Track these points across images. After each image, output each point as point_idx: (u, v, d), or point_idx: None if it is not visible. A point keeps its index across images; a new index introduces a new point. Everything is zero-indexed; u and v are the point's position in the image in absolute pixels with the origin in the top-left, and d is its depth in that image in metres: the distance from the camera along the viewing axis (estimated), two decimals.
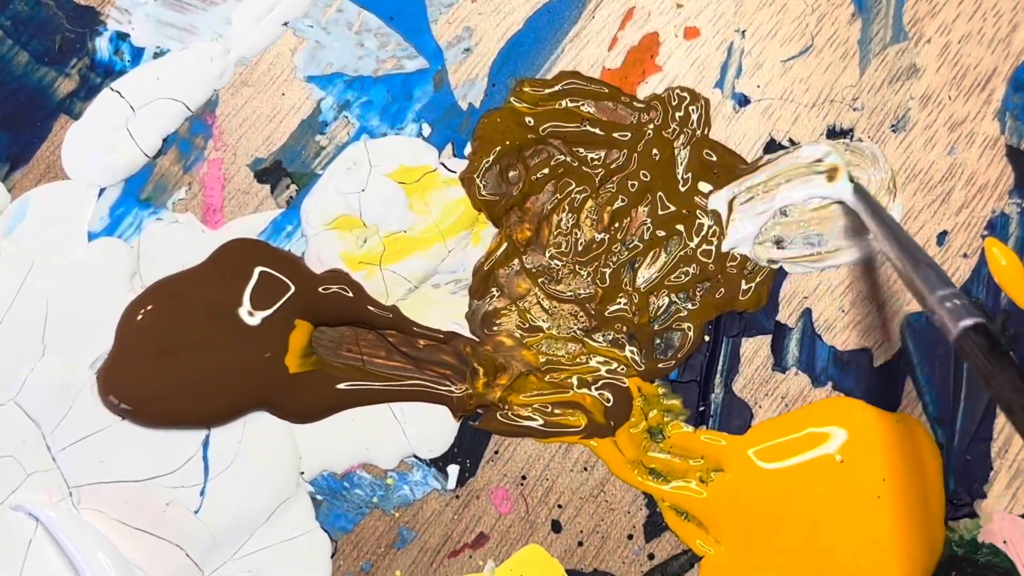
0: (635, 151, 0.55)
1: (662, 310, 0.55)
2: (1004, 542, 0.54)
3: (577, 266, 0.54)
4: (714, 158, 0.55)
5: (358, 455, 0.52)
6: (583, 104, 0.56)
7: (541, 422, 0.53)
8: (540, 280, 0.54)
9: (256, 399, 0.52)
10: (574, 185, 0.55)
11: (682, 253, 0.55)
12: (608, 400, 0.54)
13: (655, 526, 0.53)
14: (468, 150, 0.55)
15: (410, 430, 0.53)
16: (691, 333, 0.55)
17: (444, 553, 0.53)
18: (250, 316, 0.52)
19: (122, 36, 0.54)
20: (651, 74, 0.56)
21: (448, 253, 0.54)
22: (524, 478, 0.53)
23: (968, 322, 0.40)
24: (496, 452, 0.53)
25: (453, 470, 0.53)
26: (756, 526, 0.53)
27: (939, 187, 0.56)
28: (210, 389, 0.51)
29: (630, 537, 0.53)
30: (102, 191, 0.53)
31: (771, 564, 0.53)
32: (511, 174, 0.54)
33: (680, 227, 0.55)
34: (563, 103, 0.55)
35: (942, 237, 0.56)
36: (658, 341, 0.54)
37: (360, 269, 0.53)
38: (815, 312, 0.55)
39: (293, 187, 0.54)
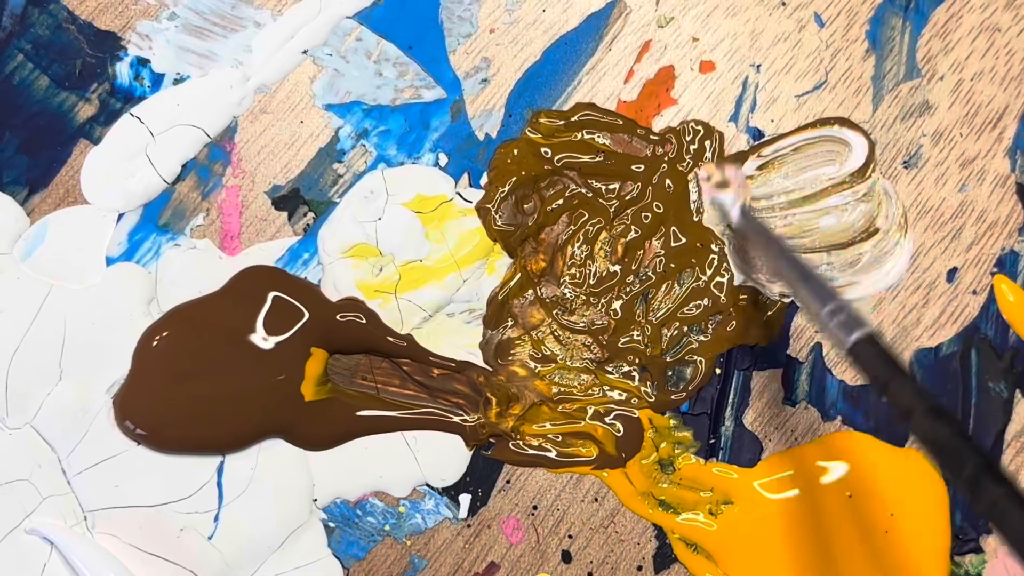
0: (649, 183, 0.55)
1: (674, 342, 0.55)
2: None
3: (591, 297, 0.55)
4: None
5: (371, 483, 0.53)
6: (599, 136, 0.56)
7: (553, 452, 0.54)
8: (554, 311, 0.55)
9: (271, 426, 0.52)
10: (588, 216, 0.55)
11: (695, 285, 0.55)
12: (619, 431, 0.54)
13: (664, 558, 0.54)
14: (484, 180, 0.55)
15: (423, 458, 0.53)
16: (702, 366, 0.55)
17: None
18: (264, 341, 0.52)
19: (142, 62, 0.54)
20: (666, 107, 0.57)
21: (463, 283, 0.54)
22: (535, 508, 0.54)
23: (860, 333, 0.40)
24: (508, 482, 0.54)
25: (465, 499, 0.53)
26: (765, 559, 0.54)
27: (950, 224, 0.56)
28: (226, 415, 0.51)
29: (639, 568, 0.54)
30: (121, 216, 0.53)
31: None
32: (526, 205, 0.55)
33: (693, 260, 0.55)
34: (579, 135, 0.56)
35: (952, 273, 0.56)
36: (670, 373, 0.55)
37: (376, 297, 0.53)
38: (825, 347, 0.55)
39: (310, 215, 0.54)
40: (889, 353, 0.39)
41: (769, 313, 0.55)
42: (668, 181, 0.55)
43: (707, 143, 0.56)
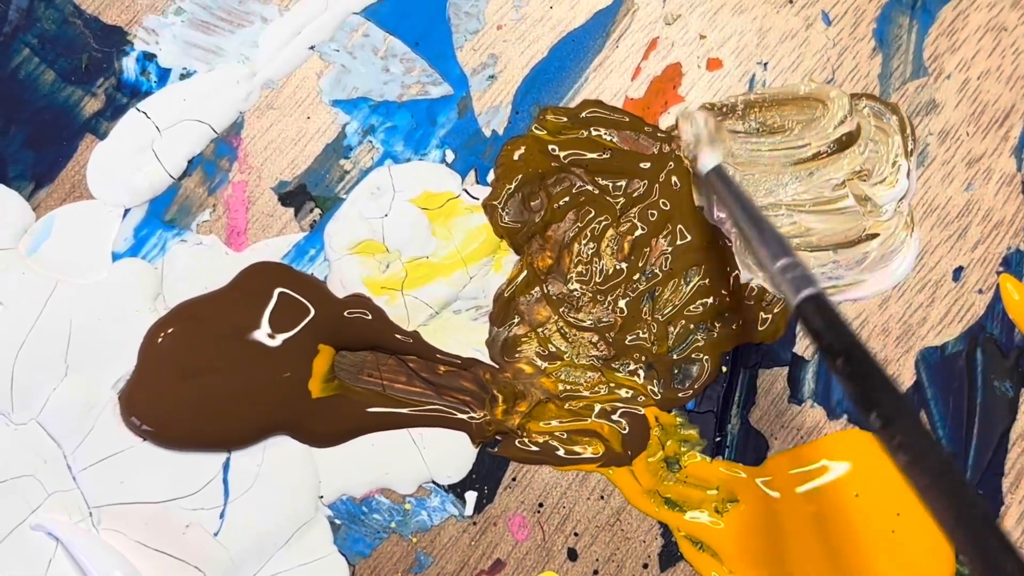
0: (656, 181, 0.55)
1: (680, 340, 0.55)
2: None
3: (597, 294, 0.55)
4: None
5: (377, 480, 0.53)
6: (605, 133, 0.56)
7: (559, 450, 0.54)
8: (560, 308, 0.55)
9: (277, 423, 0.52)
10: (595, 214, 0.55)
11: (701, 283, 0.55)
12: (625, 429, 0.54)
13: (670, 556, 0.54)
14: (491, 177, 0.55)
15: (429, 456, 0.53)
16: (708, 364, 0.55)
17: None
18: (270, 338, 0.52)
19: (149, 56, 0.54)
20: (673, 104, 0.57)
21: (469, 279, 0.54)
22: (541, 505, 0.54)
23: (808, 292, 0.40)
24: (514, 479, 0.54)
25: (471, 496, 0.53)
26: (770, 558, 0.54)
27: (956, 223, 0.56)
28: (232, 412, 0.51)
29: (645, 566, 0.54)
30: (127, 212, 0.53)
31: None
32: (533, 202, 0.55)
33: (700, 258, 0.55)
34: (586, 132, 0.56)
35: (958, 272, 0.56)
36: (676, 371, 0.55)
37: (382, 294, 0.53)
38: None
39: (317, 211, 0.54)
40: (834, 313, 0.39)
41: (775, 311, 0.55)
42: (675, 178, 0.55)
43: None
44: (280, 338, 0.52)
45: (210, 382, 0.51)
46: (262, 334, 0.52)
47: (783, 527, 0.54)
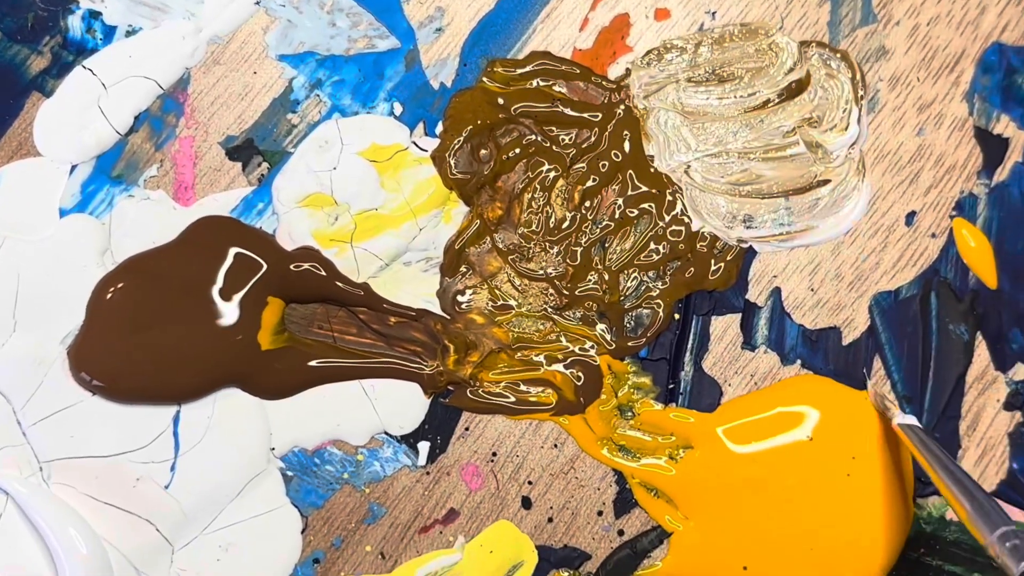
0: (605, 131, 0.55)
1: (632, 289, 0.55)
2: None
3: (548, 245, 0.55)
4: None
5: (329, 431, 0.53)
6: (554, 84, 0.56)
7: (512, 399, 0.54)
8: (511, 258, 0.54)
9: (227, 375, 0.52)
10: (545, 164, 0.55)
11: (652, 232, 0.55)
12: (578, 378, 0.54)
13: (625, 503, 0.54)
14: (439, 129, 0.55)
15: (381, 407, 0.53)
16: (661, 311, 0.55)
17: (414, 529, 0.53)
18: (222, 297, 0.52)
19: (94, 14, 0.54)
20: (622, 55, 0.56)
21: (419, 231, 0.54)
22: (494, 455, 0.53)
23: None
24: (467, 429, 0.54)
25: (424, 447, 0.53)
26: (725, 503, 0.54)
27: (908, 168, 0.56)
28: (181, 365, 0.51)
29: (600, 514, 0.54)
30: (74, 168, 0.53)
31: (740, 541, 0.54)
32: (482, 153, 0.55)
33: (650, 206, 0.55)
34: (534, 83, 0.56)
35: (911, 217, 0.56)
36: (628, 319, 0.55)
37: (331, 247, 0.53)
38: (784, 291, 0.55)
39: (264, 165, 0.54)
40: None
41: (727, 258, 0.55)
42: (624, 129, 0.55)
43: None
44: (229, 292, 0.52)
45: (159, 336, 0.51)
46: (211, 288, 0.52)
47: (737, 473, 0.54)
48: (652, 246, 0.55)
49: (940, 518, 0.54)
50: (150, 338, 0.51)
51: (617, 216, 0.55)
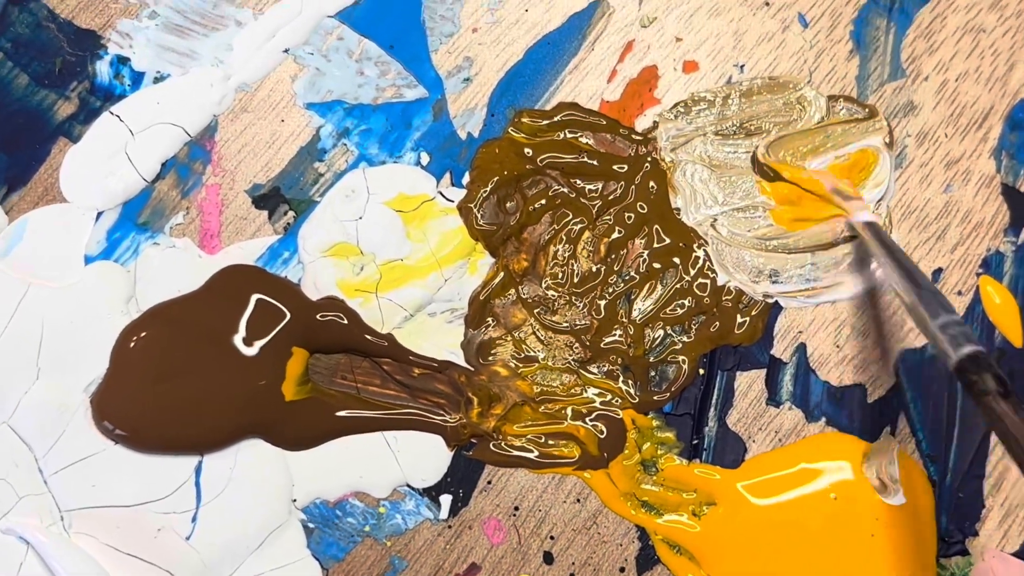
0: (632, 183, 0.55)
1: (657, 343, 0.55)
2: None
3: (573, 297, 0.54)
4: None
5: (351, 483, 0.52)
6: (581, 136, 0.56)
7: (535, 453, 0.53)
8: (536, 310, 0.54)
9: (250, 426, 0.52)
10: (571, 216, 0.55)
11: (678, 286, 0.55)
12: (602, 432, 0.54)
13: (647, 559, 0.53)
14: (466, 179, 0.55)
15: (403, 459, 0.53)
16: (686, 366, 0.55)
17: None
18: (247, 346, 0.51)
19: (123, 60, 0.54)
20: (649, 107, 0.56)
21: (444, 282, 0.54)
22: (517, 509, 0.53)
23: (967, 350, 0.40)
24: (489, 482, 0.53)
25: (446, 500, 0.53)
26: (749, 561, 0.53)
27: (935, 224, 0.56)
28: (205, 415, 0.51)
29: (622, 570, 0.53)
30: (100, 215, 0.53)
31: None
32: (508, 204, 0.54)
33: (676, 260, 0.55)
34: (561, 134, 0.56)
35: (937, 274, 0.56)
36: (653, 373, 0.54)
37: (356, 297, 0.53)
38: (810, 347, 0.55)
39: (291, 213, 0.54)
40: (997, 374, 0.39)
41: (753, 313, 0.55)
42: (651, 181, 0.55)
43: None
44: (255, 344, 0.52)
45: (182, 385, 0.51)
46: (235, 337, 0.52)
47: (761, 530, 0.53)
48: (678, 300, 0.55)
49: None
50: (174, 387, 0.51)
51: (643, 269, 0.55)
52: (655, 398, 0.54)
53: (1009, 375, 0.55)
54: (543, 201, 0.55)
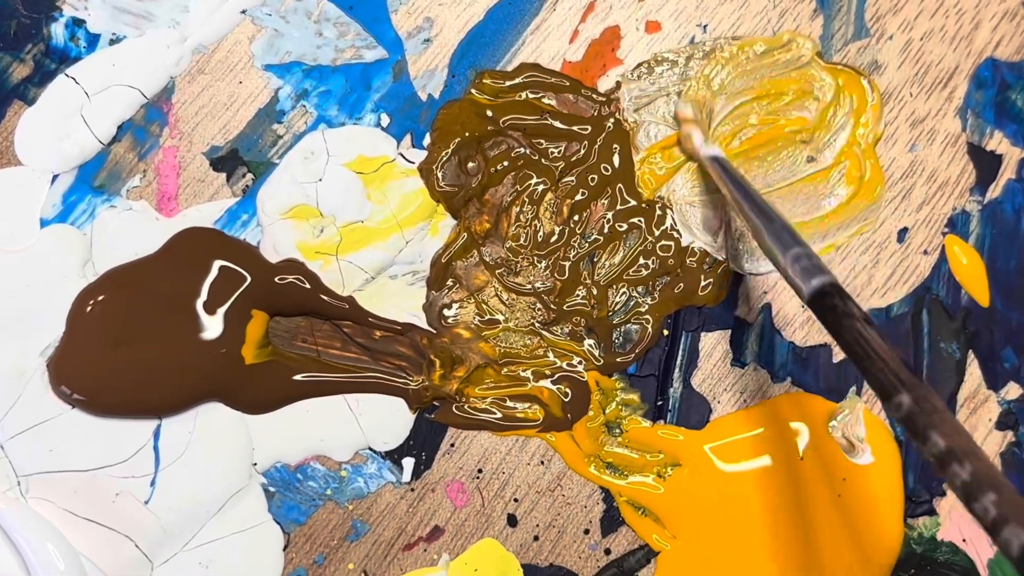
0: (595, 144, 0.55)
1: (621, 304, 0.54)
2: (963, 540, 0.54)
3: (536, 259, 0.54)
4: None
5: (312, 447, 0.52)
6: (544, 96, 0.55)
7: (498, 415, 0.53)
8: (498, 272, 0.54)
9: (210, 389, 0.51)
10: (534, 177, 0.54)
11: (642, 247, 0.54)
12: (566, 394, 0.53)
13: (612, 521, 0.53)
14: (427, 141, 0.54)
15: (365, 422, 0.52)
16: (650, 327, 0.54)
17: (398, 546, 0.52)
18: (206, 310, 0.51)
19: (78, 22, 0.53)
20: (612, 67, 0.56)
21: (406, 244, 0.53)
22: (480, 471, 0.53)
23: (819, 281, 0.40)
24: (452, 445, 0.53)
25: (408, 463, 0.53)
26: (714, 522, 0.53)
27: (900, 183, 0.56)
28: (163, 379, 0.51)
29: (587, 532, 0.53)
30: (55, 178, 0.52)
31: (729, 560, 0.53)
32: (470, 165, 0.54)
33: (640, 221, 0.55)
34: (523, 95, 0.55)
35: (903, 234, 0.55)
36: (617, 335, 0.54)
37: (316, 259, 0.53)
38: (774, 307, 0.55)
39: (249, 176, 0.53)
40: (849, 301, 0.39)
41: (717, 273, 0.54)
42: (614, 142, 0.55)
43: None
44: (213, 305, 0.51)
45: (140, 349, 0.50)
46: (194, 301, 0.51)
47: (726, 491, 0.53)
48: (641, 261, 0.54)
49: (931, 538, 0.54)
50: (131, 351, 0.50)
51: (606, 230, 0.54)
52: (619, 360, 0.54)
53: (976, 334, 0.55)
54: (505, 162, 0.54)
